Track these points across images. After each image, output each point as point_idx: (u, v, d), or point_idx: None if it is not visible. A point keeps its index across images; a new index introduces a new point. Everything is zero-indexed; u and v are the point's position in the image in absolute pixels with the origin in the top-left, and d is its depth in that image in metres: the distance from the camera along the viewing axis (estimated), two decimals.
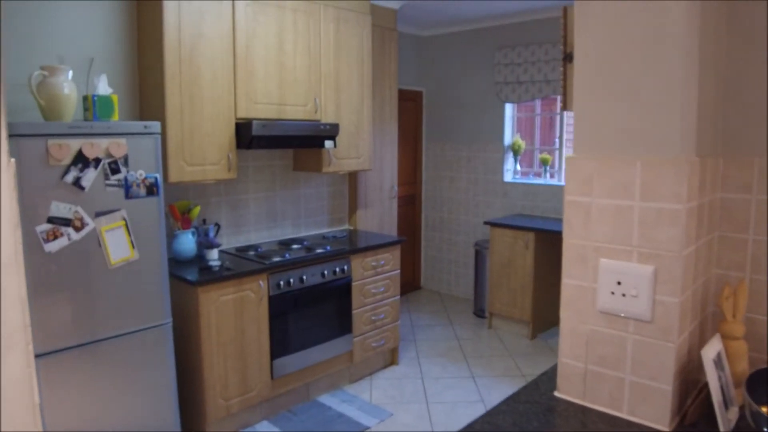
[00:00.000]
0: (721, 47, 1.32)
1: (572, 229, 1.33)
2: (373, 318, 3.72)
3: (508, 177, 5.36)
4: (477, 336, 4.69)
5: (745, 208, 1.37)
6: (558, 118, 5.17)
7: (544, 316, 4.77)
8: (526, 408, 1.37)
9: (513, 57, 5.00)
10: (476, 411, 3.38)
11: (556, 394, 1.40)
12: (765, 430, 1.08)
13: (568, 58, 1.34)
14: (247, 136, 2.96)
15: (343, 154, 3.73)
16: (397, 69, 4.42)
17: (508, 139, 5.32)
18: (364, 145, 3.90)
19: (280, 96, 3.23)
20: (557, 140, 5.20)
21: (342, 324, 3.51)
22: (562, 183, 5.02)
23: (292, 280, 3.16)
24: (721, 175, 1.39)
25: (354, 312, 3.58)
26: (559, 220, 4.78)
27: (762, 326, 1.37)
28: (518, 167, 5.37)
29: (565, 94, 1.37)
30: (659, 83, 1.18)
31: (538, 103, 5.41)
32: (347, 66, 3.67)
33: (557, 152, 5.19)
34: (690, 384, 1.30)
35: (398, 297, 3.92)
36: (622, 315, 1.27)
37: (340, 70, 3.62)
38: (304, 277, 3.23)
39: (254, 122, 2.96)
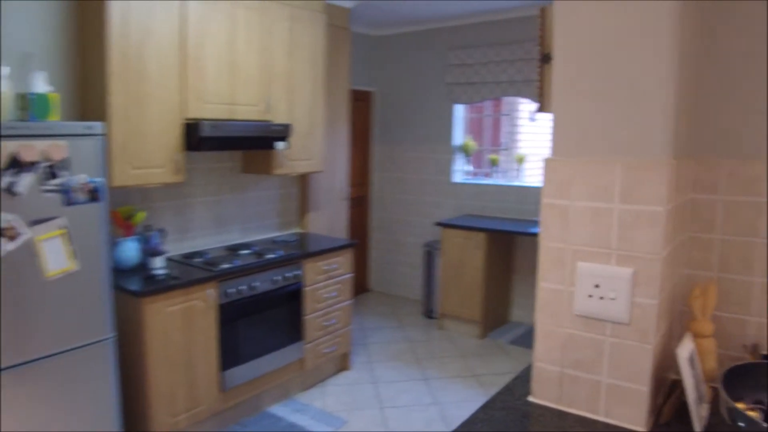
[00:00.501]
0: (692, 50, 1.35)
1: (549, 232, 1.32)
2: (324, 324, 3.65)
3: (458, 178, 5.40)
4: (428, 337, 4.70)
5: (712, 209, 1.41)
6: (505, 119, 5.27)
7: (494, 316, 4.84)
8: (503, 415, 1.35)
9: (464, 58, 5.05)
10: (431, 414, 3.38)
11: (531, 399, 1.39)
12: (741, 425, 1.10)
13: (544, 59, 1.33)
14: (196, 137, 2.83)
15: (296, 156, 3.64)
16: (350, 68, 4.37)
17: (458, 139, 5.36)
18: (316, 146, 3.82)
19: (231, 96, 3.11)
20: (504, 141, 5.29)
21: (293, 331, 3.41)
22: (511, 183, 5.12)
23: (242, 288, 3.04)
24: (693, 176, 1.42)
25: (306, 318, 3.49)
26: (510, 220, 4.87)
27: (728, 323, 1.41)
28: (469, 168, 5.42)
29: (541, 96, 1.36)
30: (640, 86, 1.18)
31: (488, 104, 5.50)
32: (301, 65, 3.58)
33: (504, 153, 5.28)
34: (659, 382, 1.31)
35: (350, 301, 3.87)
36: (600, 318, 1.27)
37: (293, 70, 3.52)
38: (255, 284, 3.12)
39: (203, 123, 2.83)
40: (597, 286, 1.27)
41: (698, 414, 1.21)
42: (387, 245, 5.87)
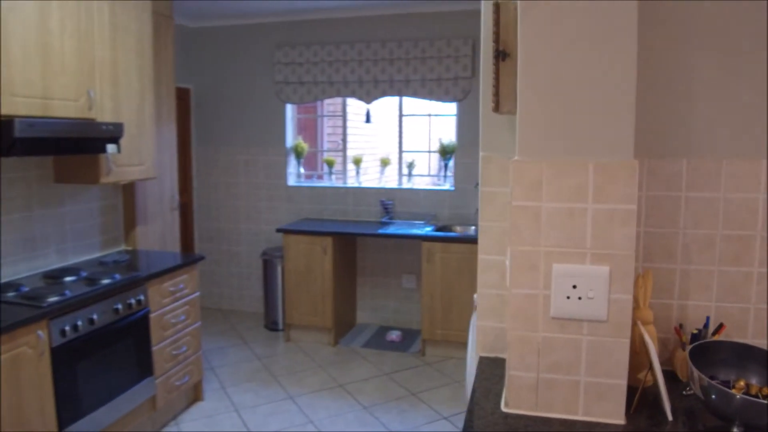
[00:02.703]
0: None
1: (521, 235, 1.29)
2: (174, 352, 3.21)
3: (291, 180, 5.22)
4: (278, 351, 4.46)
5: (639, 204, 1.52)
6: (339, 120, 5.24)
7: (343, 321, 4.79)
8: None
9: (294, 56, 4.88)
10: None
11: (506, 409, 1.36)
12: (713, 397, 1.20)
13: (501, 55, 1.30)
14: (7, 138, 2.23)
15: (125, 161, 3.12)
16: (174, 62, 3.90)
17: (289, 141, 5.18)
18: (147, 150, 3.33)
19: (44, 87, 2.52)
20: (341, 141, 5.27)
21: (142, 366, 2.93)
22: (349, 185, 5.11)
23: (79, 324, 2.50)
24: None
25: (154, 349, 3.03)
26: (351, 222, 4.86)
27: (663, 309, 1.55)
28: (302, 170, 5.28)
29: (497, 95, 1.33)
30: (612, 85, 1.21)
31: (319, 104, 5.41)
32: (126, 55, 3.07)
33: (340, 154, 5.25)
34: None
35: (199, 323, 3.47)
36: (578, 318, 1.28)
37: (117, 59, 3.01)
38: (94, 317, 2.59)
39: (17, 121, 2.24)
40: (574, 286, 1.27)
41: (667, 397, 1.30)
42: (216, 257, 5.43)
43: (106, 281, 2.75)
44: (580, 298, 1.28)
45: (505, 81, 1.31)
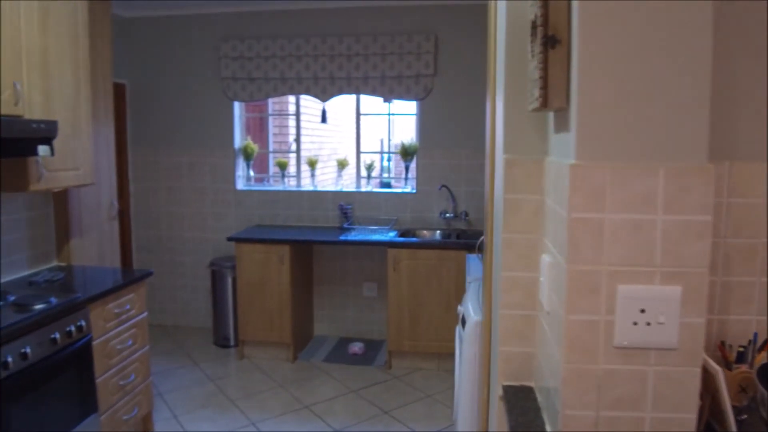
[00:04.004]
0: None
1: (580, 253, 1.12)
2: (121, 383, 2.86)
3: (241, 184, 4.89)
4: (231, 371, 4.14)
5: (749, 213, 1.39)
6: (288, 119, 4.97)
7: (301, 334, 4.52)
8: None
9: (243, 50, 4.56)
10: None
11: None
12: None
13: (550, 42, 1.12)
14: None
15: (58, 165, 2.75)
16: (112, 53, 3.51)
17: (238, 141, 4.85)
18: (84, 152, 2.96)
19: None
20: (293, 142, 4.99)
21: (85, 402, 2.58)
22: (304, 188, 4.85)
23: (10, 360, 2.14)
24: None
25: (98, 381, 2.68)
26: (307, 228, 4.60)
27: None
28: (252, 173, 4.96)
29: (545, 88, 1.15)
30: (689, 82, 1.06)
31: (269, 102, 5.11)
32: (57, 41, 2.70)
33: (295, 156, 4.97)
34: None
35: (148, 347, 3.13)
36: (646, 347, 1.13)
37: (48, 47, 2.63)
38: (28, 351, 2.23)
39: None
40: (643, 310, 1.11)
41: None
42: (158, 269, 5.01)
43: (40, 306, 2.39)
44: (648, 324, 1.12)
45: (554, 72, 1.14)
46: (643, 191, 1.09)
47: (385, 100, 4.59)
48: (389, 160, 4.64)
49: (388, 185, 5.34)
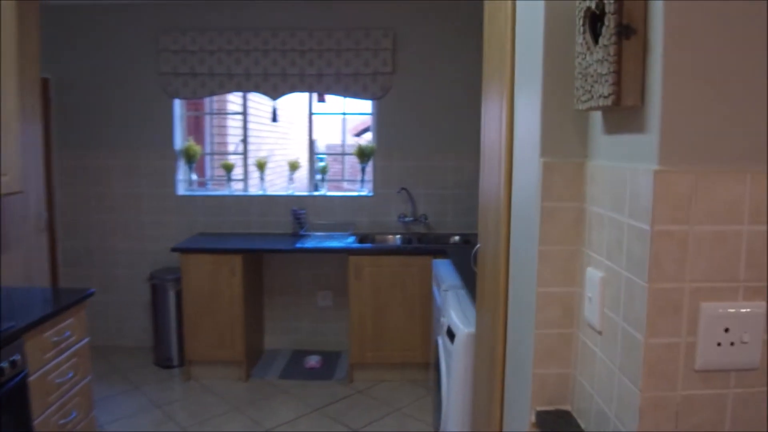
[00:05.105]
0: None
1: (662, 270, 1.02)
2: (62, 422, 2.54)
3: (182, 189, 4.56)
4: (179, 395, 3.83)
5: None
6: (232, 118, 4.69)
7: (252, 349, 4.27)
8: None
9: (185, 43, 4.25)
10: None
11: None
12: None
13: (625, 32, 1.01)
14: None
15: None
16: (40, 45, 3.13)
17: (179, 142, 4.52)
18: (10, 156, 2.60)
19: None
20: (240, 143, 4.71)
21: None
22: (253, 193, 4.59)
23: None
24: None
25: (36, 423, 2.35)
26: (258, 236, 4.35)
27: None
28: (194, 177, 4.64)
29: (618, 83, 1.04)
30: None
31: (208, 101, 4.81)
32: None
33: (243, 158, 4.70)
34: None
35: (90, 377, 2.81)
36: (728, 368, 1.04)
37: None
38: None
39: None
40: (727, 330, 1.03)
41: None
42: (87, 283, 4.57)
43: None
44: (732, 344, 1.03)
45: (627, 67, 1.03)
46: (729, 199, 1.01)
47: (316, 98, 4.42)
48: (321, 161, 4.50)
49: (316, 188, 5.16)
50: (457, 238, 4.40)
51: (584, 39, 1.18)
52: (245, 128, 4.69)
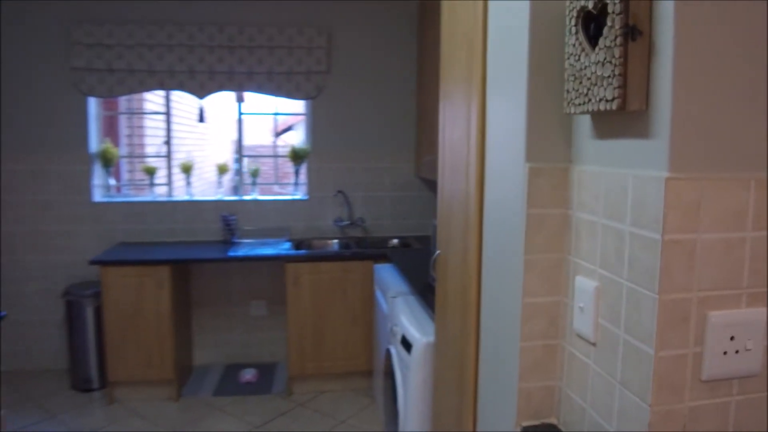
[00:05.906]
0: None
1: (672, 280, 1.00)
2: None
3: (98, 195, 4.22)
4: (103, 421, 3.53)
5: None
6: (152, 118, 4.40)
7: (181, 366, 4.01)
8: None
9: (101, 36, 3.92)
10: None
11: None
12: None
13: (632, 33, 0.98)
14: None
15: None
16: None
17: (94, 145, 4.17)
18: None
19: None
20: (163, 144, 4.42)
21: None
22: (177, 198, 4.32)
23: None
24: None
25: None
26: (185, 244, 4.10)
27: None
28: (112, 182, 4.30)
29: (623, 86, 1.01)
30: None
31: (122, 100, 4.48)
32: None
33: (167, 160, 4.41)
34: None
35: (2, 412, 2.50)
36: (733, 376, 1.03)
37: None
38: None
39: None
40: (732, 338, 1.02)
41: None
42: None
43: None
44: (737, 352, 1.03)
45: (633, 69, 1.00)
46: (735, 206, 1.00)
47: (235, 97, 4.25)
48: (237, 163, 4.34)
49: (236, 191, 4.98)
50: (396, 241, 4.35)
51: (577, 39, 1.14)
52: (168, 129, 4.41)
